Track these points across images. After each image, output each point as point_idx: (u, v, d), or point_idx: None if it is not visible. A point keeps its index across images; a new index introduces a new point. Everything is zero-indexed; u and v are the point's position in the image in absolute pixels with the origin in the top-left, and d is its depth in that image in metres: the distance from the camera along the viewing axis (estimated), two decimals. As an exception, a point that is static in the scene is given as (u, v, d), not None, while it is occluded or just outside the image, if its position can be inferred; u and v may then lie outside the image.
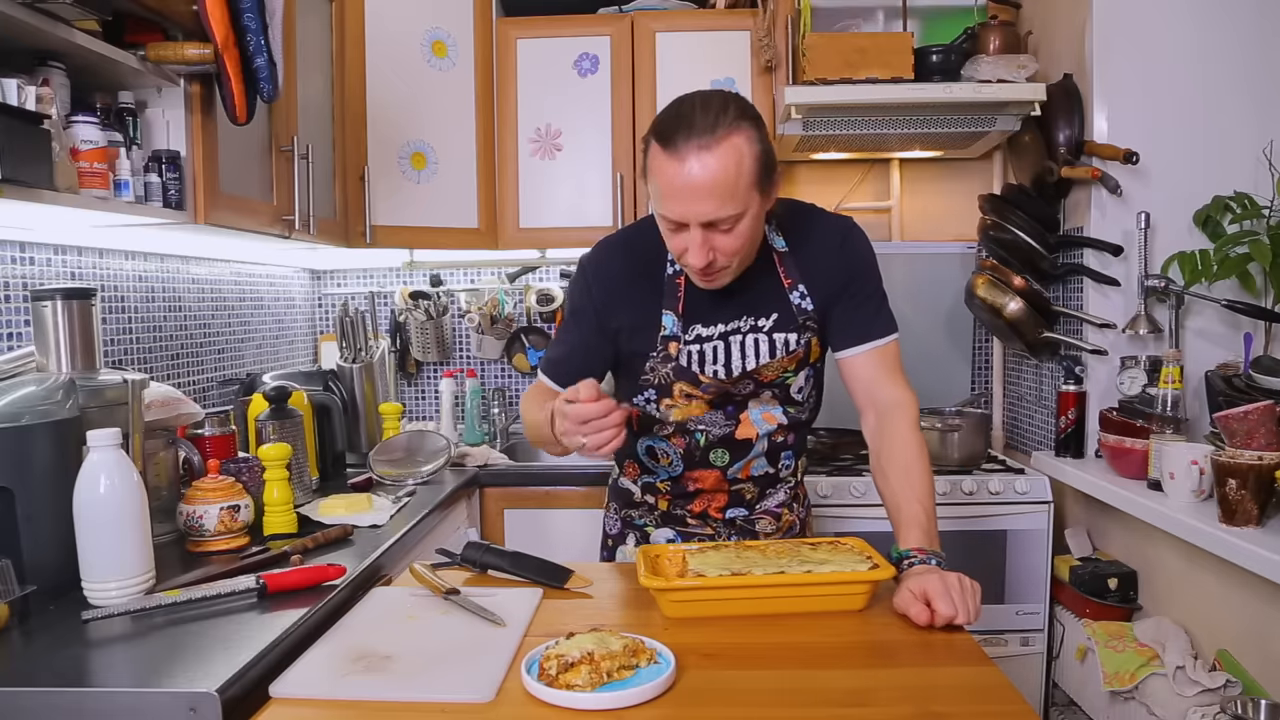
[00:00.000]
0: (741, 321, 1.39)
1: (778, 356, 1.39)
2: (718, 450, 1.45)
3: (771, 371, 1.40)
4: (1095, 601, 2.09)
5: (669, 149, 1.19)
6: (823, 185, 2.89)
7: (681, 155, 1.18)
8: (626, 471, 1.58)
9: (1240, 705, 1.52)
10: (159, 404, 1.54)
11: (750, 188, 1.21)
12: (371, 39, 2.42)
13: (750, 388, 1.41)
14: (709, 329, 1.39)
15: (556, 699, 0.94)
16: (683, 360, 1.39)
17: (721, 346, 1.39)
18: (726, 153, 1.18)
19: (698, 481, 1.49)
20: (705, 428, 1.44)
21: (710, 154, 1.17)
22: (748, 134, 1.20)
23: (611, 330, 1.41)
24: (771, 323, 1.39)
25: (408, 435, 2.28)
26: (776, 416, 1.44)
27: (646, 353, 1.40)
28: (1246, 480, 1.60)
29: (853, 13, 2.59)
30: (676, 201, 1.21)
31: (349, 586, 1.35)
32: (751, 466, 1.48)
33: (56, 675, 1.02)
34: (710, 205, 1.19)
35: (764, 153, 1.22)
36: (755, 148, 1.21)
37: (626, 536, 1.59)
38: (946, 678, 1.01)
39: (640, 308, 1.39)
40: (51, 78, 1.37)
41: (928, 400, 2.70)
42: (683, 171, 1.18)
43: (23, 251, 1.68)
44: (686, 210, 1.21)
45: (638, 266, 1.41)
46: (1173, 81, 2.18)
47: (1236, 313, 2.05)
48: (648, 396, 1.44)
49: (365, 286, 3.01)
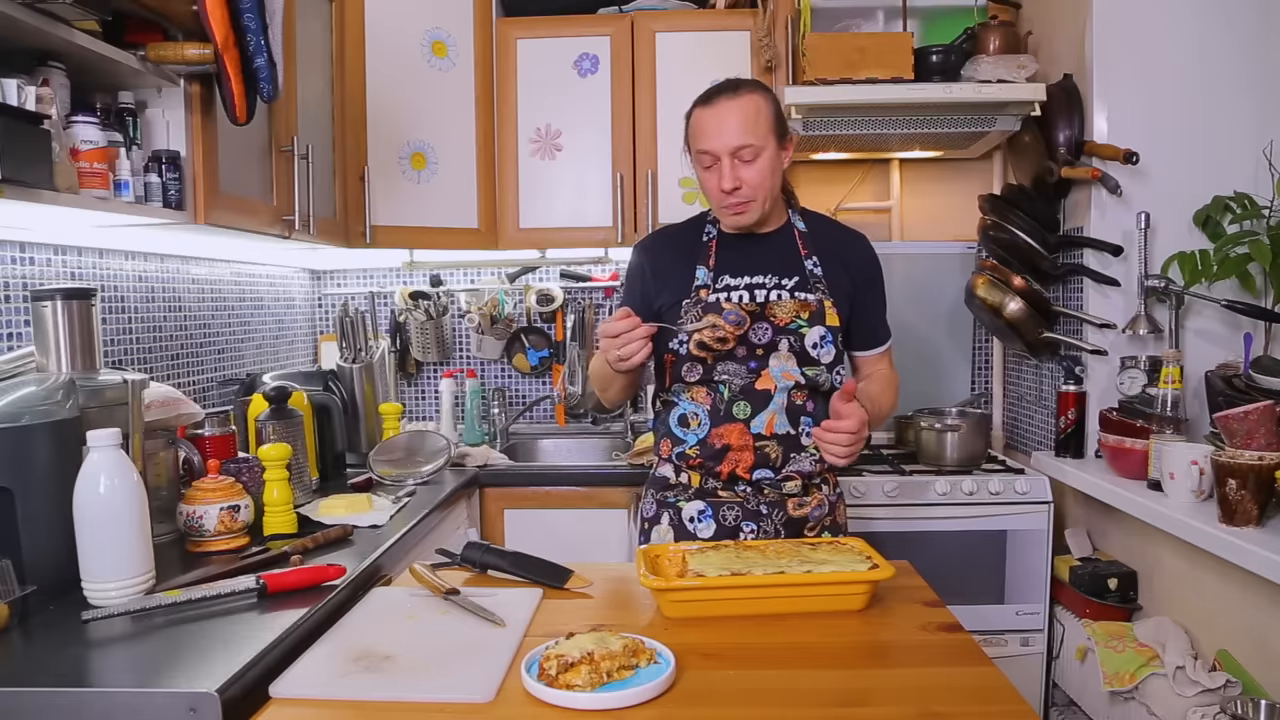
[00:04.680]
0: (766, 278, 1.61)
1: (795, 299, 1.60)
2: (740, 402, 1.58)
3: (785, 313, 1.58)
4: (1095, 601, 2.09)
5: (705, 104, 1.54)
6: (823, 185, 2.89)
7: (714, 103, 1.54)
8: (661, 451, 1.68)
9: (1240, 705, 1.52)
10: (159, 404, 1.54)
11: (768, 131, 1.53)
12: (371, 39, 2.42)
13: (768, 333, 1.57)
14: (736, 279, 1.61)
15: (556, 699, 0.94)
16: (710, 300, 1.59)
17: (747, 295, 1.59)
18: (748, 100, 1.53)
19: (724, 437, 1.58)
20: (728, 378, 1.58)
21: (736, 100, 1.53)
22: (765, 95, 1.56)
23: (658, 289, 1.64)
24: (794, 283, 1.61)
25: (408, 435, 2.28)
26: (794, 374, 1.58)
27: (681, 300, 1.60)
28: (1246, 480, 1.60)
29: (853, 13, 2.59)
30: (710, 136, 1.52)
31: (349, 586, 1.35)
32: (774, 423, 1.58)
33: (56, 675, 1.02)
34: (736, 134, 1.50)
35: (778, 112, 1.56)
36: (771, 105, 1.55)
37: (661, 517, 1.64)
38: (946, 678, 1.01)
39: (680, 267, 1.64)
40: (51, 78, 1.37)
41: (928, 400, 2.71)
42: (716, 112, 1.53)
43: (23, 251, 1.68)
44: (719, 141, 1.51)
45: (678, 239, 1.69)
46: (1173, 82, 2.18)
47: (1236, 313, 2.05)
48: (680, 339, 1.59)
49: (365, 286, 3.01)
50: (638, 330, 1.41)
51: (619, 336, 1.42)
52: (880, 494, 2.27)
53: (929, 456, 2.44)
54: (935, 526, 2.27)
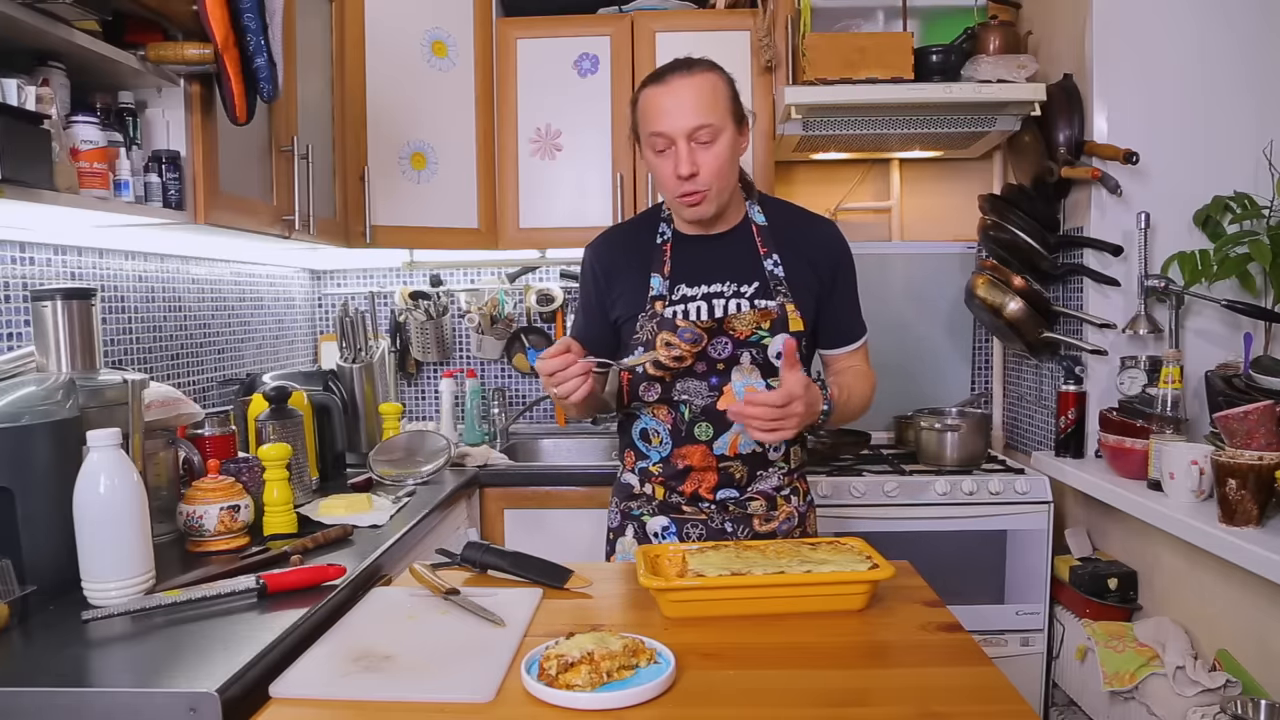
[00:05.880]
0: (724, 285, 1.51)
1: (754, 310, 1.50)
2: (702, 424, 1.52)
3: (745, 325, 1.48)
4: (1095, 601, 2.09)
5: (657, 83, 1.43)
6: (822, 185, 2.89)
7: (667, 80, 1.42)
8: (626, 462, 1.64)
9: (1240, 705, 1.52)
10: (159, 404, 1.54)
11: (726, 113, 1.42)
12: (371, 39, 2.42)
13: (728, 348, 1.48)
14: (693, 289, 1.51)
15: (556, 699, 0.94)
16: (667, 314, 1.49)
17: (705, 306, 1.50)
18: (704, 79, 1.42)
19: (686, 458, 1.53)
20: (689, 398, 1.51)
21: (691, 77, 1.41)
22: (721, 74, 1.45)
23: (613, 298, 1.55)
24: (754, 290, 1.51)
25: (408, 435, 2.28)
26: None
27: (636, 314, 1.52)
28: (1246, 480, 1.60)
29: (853, 13, 2.59)
30: (664, 116, 1.41)
31: (349, 586, 1.35)
32: (738, 443, 1.52)
33: (56, 675, 1.02)
34: (693, 115, 1.39)
35: (734, 94, 1.46)
36: (728, 86, 1.45)
37: (625, 529, 1.62)
38: (946, 678, 1.01)
39: (633, 274, 1.54)
40: (51, 78, 1.37)
41: (928, 400, 2.72)
42: (670, 90, 1.41)
43: (23, 251, 1.68)
44: (673, 123, 1.40)
45: (631, 239, 1.58)
46: (1173, 82, 2.18)
47: (1236, 313, 2.05)
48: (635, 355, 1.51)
49: (365, 286, 3.01)
50: (572, 369, 1.32)
51: (553, 375, 1.33)
52: (880, 494, 2.27)
53: (929, 456, 2.44)
54: (935, 526, 2.27)
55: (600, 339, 1.57)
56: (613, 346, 1.58)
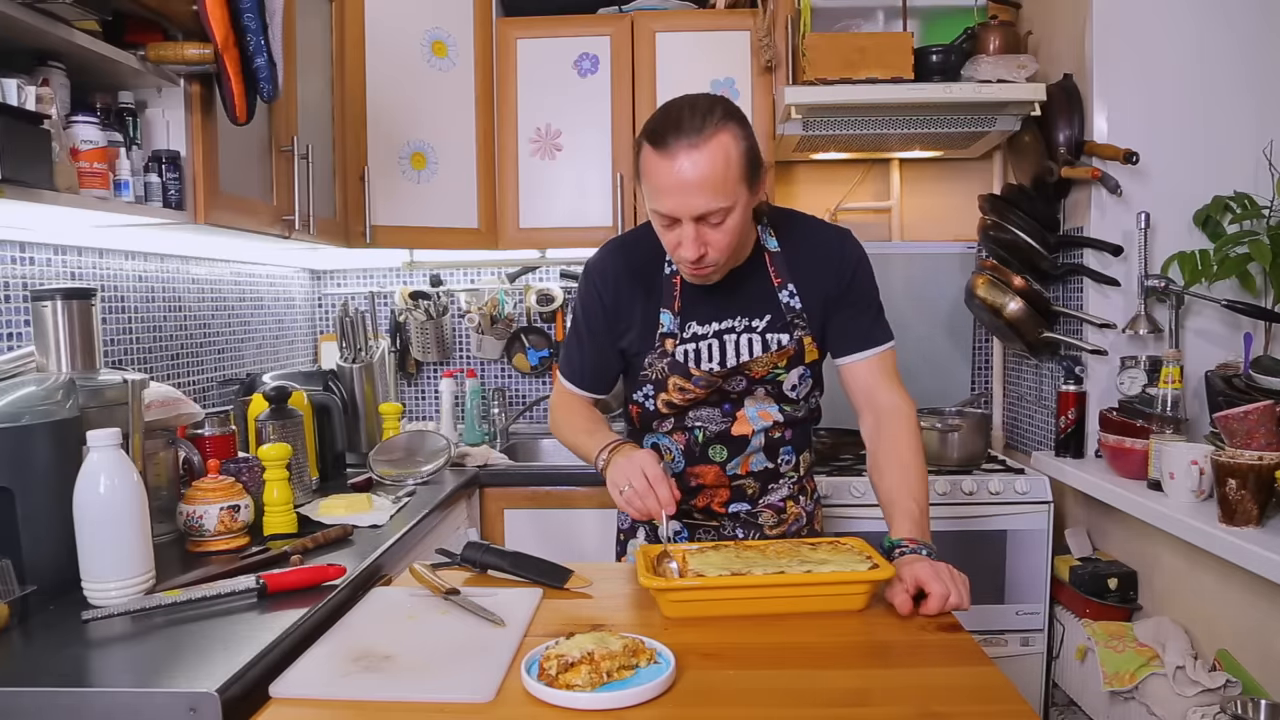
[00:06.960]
0: (736, 321, 1.44)
1: (769, 352, 1.43)
2: (715, 446, 1.50)
3: (761, 367, 1.44)
4: (1095, 601, 2.09)
5: (660, 148, 1.25)
6: (822, 185, 2.89)
7: (673, 153, 1.24)
8: None
9: (1240, 705, 1.51)
10: (159, 404, 1.54)
11: (738, 182, 1.27)
12: (371, 39, 2.42)
13: (743, 384, 1.45)
14: (704, 327, 1.45)
15: (556, 699, 0.94)
16: (678, 356, 1.44)
17: (716, 344, 1.44)
18: (715, 150, 1.23)
19: (699, 477, 1.52)
20: (702, 424, 1.48)
21: (700, 151, 1.23)
22: (734, 132, 1.26)
23: (620, 330, 1.48)
24: (765, 323, 1.44)
25: (408, 435, 2.28)
26: (772, 414, 1.48)
27: (646, 351, 1.46)
28: (1246, 480, 1.60)
29: (853, 13, 2.59)
30: (669, 197, 1.27)
31: (349, 586, 1.35)
32: (750, 462, 1.51)
33: (56, 675, 1.02)
34: (701, 199, 1.25)
35: (750, 150, 1.29)
36: (742, 145, 1.27)
37: (637, 530, 1.61)
38: (946, 678, 1.01)
39: (642, 307, 1.46)
40: (51, 78, 1.37)
41: (928, 400, 2.71)
42: (674, 169, 1.24)
43: (23, 251, 1.68)
44: (679, 205, 1.26)
45: (637, 268, 1.47)
46: (1173, 82, 2.18)
47: (1236, 313, 2.05)
48: (646, 392, 1.48)
49: (365, 286, 3.01)
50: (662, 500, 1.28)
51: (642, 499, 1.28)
52: (880, 494, 2.26)
53: (929, 456, 2.41)
54: (935, 526, 2.21)
55: (608, 368, 1.52)
56: (618, 373, 1.54)
